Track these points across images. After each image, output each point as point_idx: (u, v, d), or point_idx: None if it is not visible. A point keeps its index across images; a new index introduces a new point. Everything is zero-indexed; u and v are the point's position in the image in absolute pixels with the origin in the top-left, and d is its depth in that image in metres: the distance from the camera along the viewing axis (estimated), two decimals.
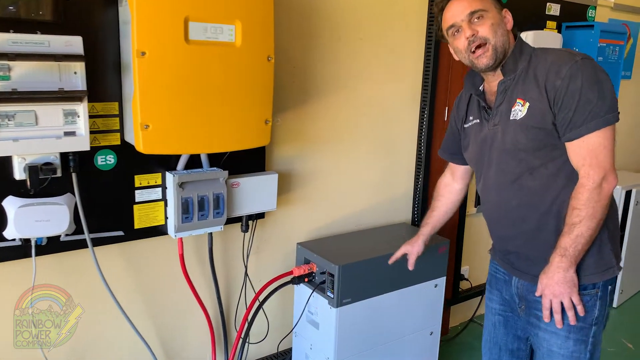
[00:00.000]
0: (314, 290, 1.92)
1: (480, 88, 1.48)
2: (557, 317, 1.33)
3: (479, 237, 2.80)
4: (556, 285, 1.31)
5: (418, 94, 2.34)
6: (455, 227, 2.61)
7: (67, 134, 1.40)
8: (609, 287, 1.41)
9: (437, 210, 1.80)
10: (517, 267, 1.49)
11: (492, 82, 1.42)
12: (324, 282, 1.90)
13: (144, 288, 1.75)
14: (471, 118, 1.52)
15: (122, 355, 1.74)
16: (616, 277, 1.42)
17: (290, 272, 1.94)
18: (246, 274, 1.94)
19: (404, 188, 2.41)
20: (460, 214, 2.61)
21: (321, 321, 1.94)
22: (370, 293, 1.94)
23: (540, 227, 1.40)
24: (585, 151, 1.28)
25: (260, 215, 1.93)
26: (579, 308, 1.32)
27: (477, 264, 2.85)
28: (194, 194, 1.64)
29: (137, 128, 1.41)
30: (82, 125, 1.41)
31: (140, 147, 1.42)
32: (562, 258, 1.30)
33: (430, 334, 2.20)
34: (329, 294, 1.87)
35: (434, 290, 2.15)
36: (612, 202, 1.40)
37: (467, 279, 2.78)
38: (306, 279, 1.95)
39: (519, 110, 1.35)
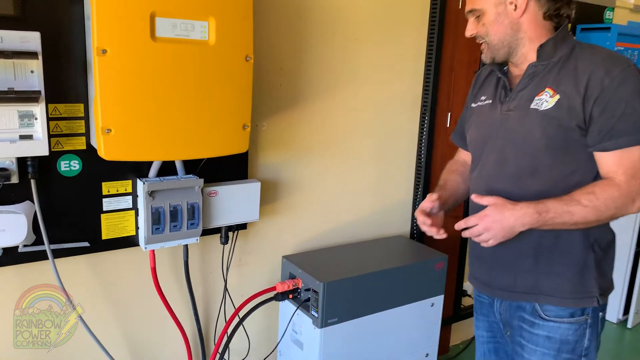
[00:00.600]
0: (297, 308, 1.79)
1: (504, 68, 1.34)
2: (466, 233, 1.22)
3: None
4: (501, 228, 1.16)
5: (418, 98, 2.20)
6: (457, 241, 2.46)
7: (23, 137, 1.29)
8: (600, 313, 1.28)
9: (451, 181, 1.51)
10: (495, 283, 1.36)
11: (521, 64, 1.28)
12: (308, 299, 1.77)
13: (114, 303, 1.64)
14: (483, 98, 1.38)
15: None
16: (605, 304, 1.29)
17: (273, 288, 1.81)
18: (226, 289, 1.82)
19: (401, 198, 2.27)
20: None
21: (305, 341, 1.81)
22: (359, 312, 1.80)
23: (528, 231, 1.23)
24: (626, 163, 1.16)
25: (242, 226, 1.80)
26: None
27: None
28: (166, 203, 1.52)
29: (98, 132, 1.29)
30: (39, 128, 1.30)
31: (102, 153, 1.31)
32: (534, 214, 1.15)
33: (426, 356, 2.06)
34: (313, 312, 1.74)
35: (430, 309, 2.01)
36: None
37: (469, 295, 2.62)
38: (290, 296, 1.82)
39: (545, 100, 1.20)
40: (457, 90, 2.26)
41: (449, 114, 2.27)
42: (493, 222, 1.16)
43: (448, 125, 2.28)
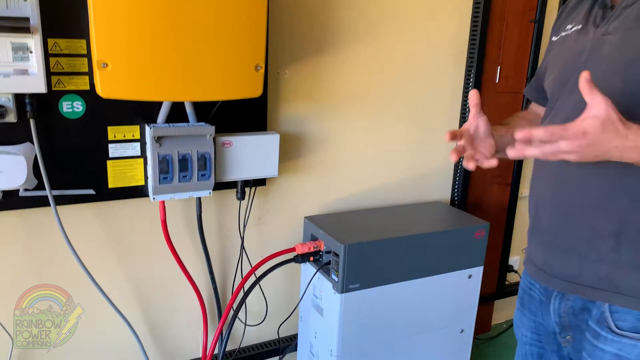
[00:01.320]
0: (317, 271, 1.66)
1: None
2: (533, 151, 0.82)
3: None
4: (594, 153, 0.81)
5: (464, 49, 1.98)
6: (504, 210, 2.24)
7: (17, 72, 1.21)
8: None
9: (515, 122, 1.21)
10: (553, 269, 1.04)
11: None
12: (329, 263, 1.63)
13: (122, 257, 1.56)
14: (569, 27, 1.07)
15: (98, 334, 1.57)
16: None
17: (293, 249, 1.68)
18: (242, 247, 1.71)
19: (442, 162, 2.07)
20: (511, 194, 2.23)
21: (325, 307, 1.67)
22: (384, 280, 1.64)
23: (611, 197, 0.94)
24: None
25: (260, 182, 1.68)
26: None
27: None
28: (174, 151, 1.42)
29: (94, 66, 1.19)
30: (35, 62, 1.22)
31: (99, 90, 1.21)
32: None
33: (461, 332, 1.88)
34: (333, 277, 1.60)
35: (468, 281, 1.82)
36: None
37: (515, 271, 2.40)
38: (311, 258, 1.69)
39: None
40: (509, 41, 2.02)
41: (499, 68, 2.04)
42: (590, 145, 0.80)
43: (497, 81, 2.05)
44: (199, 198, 1.57)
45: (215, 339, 1.64)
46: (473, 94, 1.00)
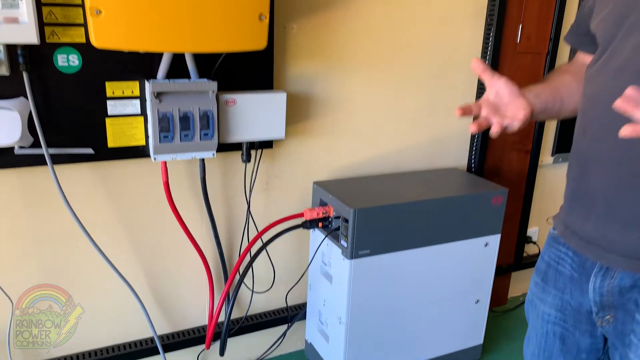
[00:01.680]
0: (326, 237, 1.59)
1: None
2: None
3: (553, 194, 2.30)
4: None
5: (483, 6, 1.86)
6: (523, 178, 2.14)
7: (7, 20, 1.15)
8: None
9: (556, 79, 1.05)
10: (614, 243, 0.90)
11: None
12: (338, 228, 1.56)
13: (124, 219, 1.51)
14: None
15: (99, 301, 1.54)
16: None
17: (300, 215, 1.62)
18: (249, 212, 1.65)
19: (458, 126, 1.97)
20: (531, 162, 2.13)
21: (334, 274, 1.61)
22: (396, 246, 1.57)
23: None
24: None
25: (267, 145, 1.61)
26: None
27: (549, 226, 2.36)
28: (175, 108, 1.35)
29: (87, 14, 1.12)
30: (25, 10, 1.15)
31: (92, 39, 1.14)
32: None
33: (476, 303, 1.81)
34: (342, 242, 1.54)
35: (484, 250, 1.74)
36: None
37: (534, 242, 2.31)
38: (320, 224, 1.62)
39: None
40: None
41: (520, 26, 1.92)
42: None
43: (518, 41, 1.93)
44: (203, 160, 1.51)
45: (220, 303, 1.59)
46: (474, 63, 0.90)
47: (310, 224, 1.62)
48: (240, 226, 1.68)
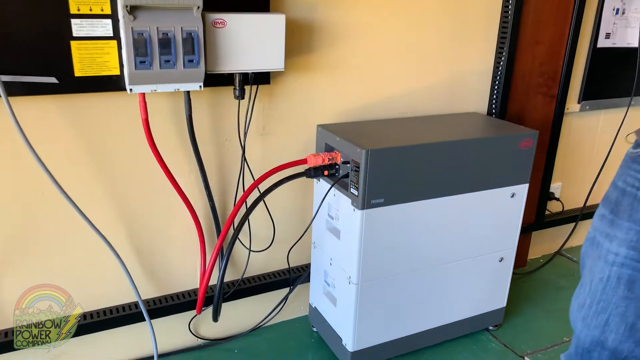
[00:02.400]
0: (333, 185, 1.39)
1: None
2: None
3: (579, 146, 2.10)
4: None
5: None
6: (548, 126, 1.93)
7: None
8: None
9: None
10: None
11: None
12: (347, 175, 1.36)
13: (98, 163, 1.30)
14: None
15: (74, 258, 1.34)
16: None
17: (303, 161, 1.41)
18: (244, 159, 1.44)
19: (478, 66, 1.75)
20: (557, 108, 1.92)
21: (343, 228, 1.42)
22: (414, 195, 1.37)
23: None
24: None
25: (264, 79, 1.39)
26: None
27: (575, 181, 2.16)
28: (153, 27, 1.13)
29: None
30: None
31: None
32: None
33: (500, 261, 1.62)
34: (352, 190, 1.33)
35: (510, 201, 1.55)
36: None
37: (557, 199, 2.12)
38: (326, 172, 1.42)
39: None
40: None
41: None
42: None
43: None
44: (188, 93, 1.29)
45: (212, 262, 1.40)
46: None
47: (314, 172, 1.41)
48: (234, 175, 1.47)
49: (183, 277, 1.52)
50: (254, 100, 1.39)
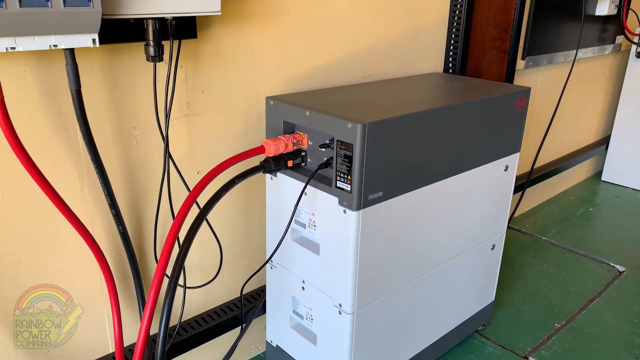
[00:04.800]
0: (309, 180, 0.97)
1: None
2: None
3: (529, 107, 1.92)
4: None
5: None
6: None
7: None
8: None
9: None
10: None
11: None
12: (327, 163, 0.95)
13: None
14: None
15: None
16: None
17: (259, 150, 0.97)
18: (167, 153, 0.95)
19: (433, 12, 1.44)
20: (508, 66, 1.69)
21: (325, 239, 1.01)
22: (414, 181, 1.01)
23: None
24: None
25: (188, 31, 0.92)
26: None
27: (523, 146, 1.99)
28: None
29: None
30: None
31: None
32: None
33: (492, 249, 1.34)
34: (341, 184, 0.93)
35: (503, 176, 1.27)
36: None
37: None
38: (290, 162, 0.99)
39: None
40: None
41: None
42: None
43: None
44: (73, 55, 0.77)
45: (149, 316, 0.89)
46: None
47: (275, 164, 0.98)
48: (152, 182, 0.98)
49: (83, 344, 1.00)
50: (176, 64, 0.91)
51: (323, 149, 0.96)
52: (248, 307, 1.20)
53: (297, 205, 0.97)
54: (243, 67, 1.06)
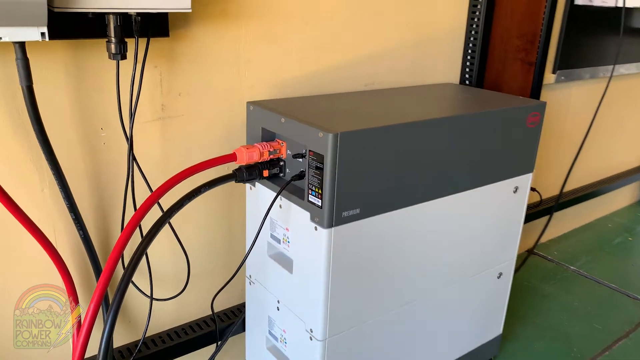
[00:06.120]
0: (279, 193, 0.90)
1: None
2: None
3: (559, 125, 1.78)
4: None
5: None
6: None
7: None
8: None
9: None
10: None
11: None
12: (301, 175, 0.88)
13: None
14: None
15: None
16: None
17: (230, 157, 0.90)
18: (131, 157, 0.91)
19: (448, 20, 1.35)
20: (535, 79, 1.56)
21: (297, 256, 0.93)
22: (399, 199, 0.92)
23: None
24: None
25: (157, 28, 0.87)
26: None
27: (548, 165, 1.85)
28: None
29: None
30: None
31: None
32: None
33: (499, 277, 1.22)
34: (312, 199, 0.86)
35: (512, 197, 1.15)
36: None
37: (533, 189, 1.78)
38: (266, 172, 0.93)
39: None
40: None
41: None
42: None
43: None
44: (22, 47, 0.73)
45: (89, 321, 0.84)
46: None
47: (248, 174, 0.91)
48: (119, 186, 0.94)
49: (44, 357, 0.96)
50: (144, 63, 0.86)
51: (300, 159, 0.89)
52: (227, 323, 1.13)
53: (264, 219, 0.90)
54: (226, 69, 1.00)
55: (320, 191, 0.83)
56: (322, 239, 0.85)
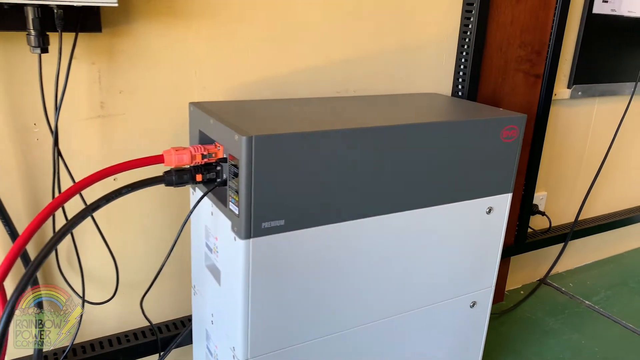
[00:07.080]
0: (205, 194, 0.85)
1: None
2: None
3: (569, 143, 1.63)
4: None
5: None
6: (531, 118, 1.45)
7: None
8: None
9: None
10: None
11: None
12: (225, 181, 0.83)
13: None
14: None
15: None
16: None
17: (157, 159, 0.86)
18: (56, 151, 0.88)
19: (438, 31, 1.26)
20: (542, 93, 1.44)
21: (223, 267, 0.88)
22: (335, 213, 0.85)
23: None
24: None
25: (86, 22, 0.85)
26: None
27: (563, 189, 1.69)
28: None
29: None
30: None
31: None
32: None
33: (472, 306, 1.11)
34: (232, 207, 0.80)
35: (485, 219, 1.04)
36: None
37: (543, 213, 1.64)
38: (199, 177, 0.88)
39: None
40: None
41: None
42: None
43: None
44: None
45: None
46: None
47: (178, 177, 0.86)
48: (49, 183, 0.92)
49: None
50: (71, 56, 0.84)
51: (226, 162, 0.84)
52: (174, 333, 1.09)
53: (182, 226, 0.85)
54: (175, 69, 0.97)
55: (237, 198, 0.78)
56: (239, 250, 0.79)
